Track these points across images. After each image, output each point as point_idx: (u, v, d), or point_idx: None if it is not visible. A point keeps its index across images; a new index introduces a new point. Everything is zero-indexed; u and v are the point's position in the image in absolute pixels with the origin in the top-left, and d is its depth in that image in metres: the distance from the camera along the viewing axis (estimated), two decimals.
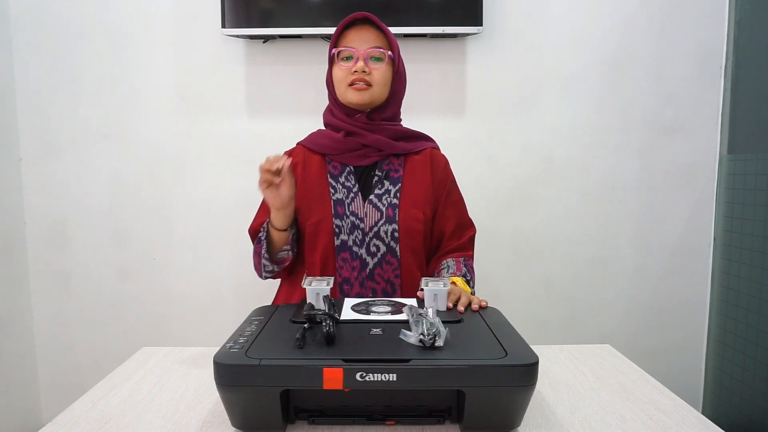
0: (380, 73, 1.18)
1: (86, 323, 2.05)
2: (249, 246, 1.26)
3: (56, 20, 1.94)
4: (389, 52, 1.19)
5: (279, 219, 1.13)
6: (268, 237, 1.17)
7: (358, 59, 1.16)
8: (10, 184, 1.97)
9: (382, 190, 1.20)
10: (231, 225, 2.01)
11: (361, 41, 1.17)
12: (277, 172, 1.05)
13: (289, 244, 1.18)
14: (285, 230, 1.16)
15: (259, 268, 1.22)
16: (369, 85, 1.17)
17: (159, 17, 1.94)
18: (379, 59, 1.18)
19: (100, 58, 1.96)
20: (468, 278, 1.19)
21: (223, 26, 1.83)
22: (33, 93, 1.97)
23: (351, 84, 1.16)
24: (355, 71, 1.15)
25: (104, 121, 1.99)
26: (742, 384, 1.87)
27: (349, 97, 1.18)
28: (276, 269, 1.21)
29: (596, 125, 2.00)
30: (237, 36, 1.88)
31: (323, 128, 1.29)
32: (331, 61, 1.21)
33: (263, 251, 1.17)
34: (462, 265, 1.21)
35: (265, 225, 1.18)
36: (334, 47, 1.20)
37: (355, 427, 0.79)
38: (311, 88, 1.94)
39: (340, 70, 1.18)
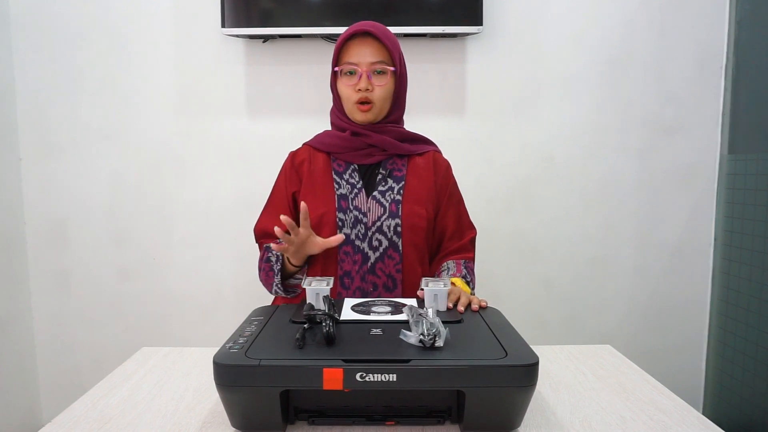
0: (382, 90, 1.20)
1: (86, 323, 2.05)
2: (249, 246, 1.26)
3: (56, 20, 1.94)
4: (392, 68, 1.20)
5: (296, 260, 1.15)
6: (282, 268, 1.18)
7: (361, 75, 1.18)
8: (10, 184, 1.97)
9: (386, 187, 1.22)
10: (231, 225, 2.01)
11: (363, 56, 1.18)
12: (293, 230, 1.05)
13: (303, 272, 1.20)
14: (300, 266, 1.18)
15: (267, 287, 1.22)
16: (371, 102, 1.19)
17: (159, 17, 1.94)
18: (381, 73, 1.19)
19: (100, 58, 1.96)
20: (468, 279, 1.20)
21: (223, 26, 1.83)
22: (33, 93, 1.97)
23: (356, 102, 1.19)
24: (359, 89, 1.18)
25: (104, 121, 1.99)
26: (742, 384, 1.87)
27: (356, 116, 1.21)
28: (289, 296, 1.22)
29: (596, 125, 1.99)
30: (237, 36, 1.88)
31: (328, 128, 1.31)
32: (335, 75, 1.22)
33: (277, 281, 1.17)
34: (462, 267, 1.22)
35: (279, 254, 1.18)
36: (337, 62, 1.21)
37: (355, 427, 0.79)
38: (311, 88, 1.94)
39: (346, 88, 1.20)
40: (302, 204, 1.06)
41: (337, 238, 1.10)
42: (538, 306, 2.05)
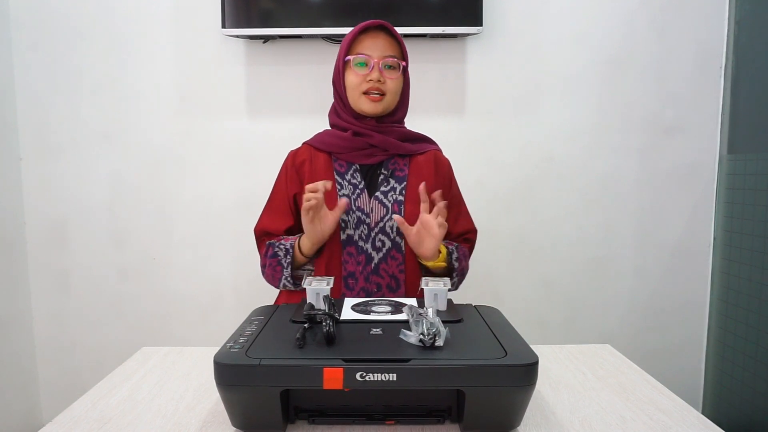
0: (393, 83, 1.20)
1: (86, 323, 2.05)
2: (249, 246, 1.26)
3: (56, 20, 1.94)
4: (403, 63, 1.21)
5: (310, 248, 1.15)
6: (292, 259, 1.17)
7: (372, 67, 1.17)
8: (10, 184, 1.97)
9: (388, 187, 1.21)
10: (231, 225, 2.01)
11: (376, 48, 1.18)
12: (316, 197, 1.07)
13: (312, 263, 1.20)
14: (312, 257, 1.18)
15: (274, 282, 1.22)
16: (383, 94, 1.19)
17: (159, 17, 1.94)
18: (392, 67, 1.19)
19: (100, 58, 1.96)
20: (453, 255, 1.20)
21: (223, 26, 1.83)
22: (33, 93, 1.97)
23: (365, 92, 1.18)
24: (370, 80, 1.17)
25: (104, 121, 1.99)
26: (742, 384, 1.87)
27: (363, 106, 1.20)
28: (298, 290, 1.22)
29: (596, 125, 1.99)
30: (237, 36, 1.88)
31: (328, 128, 1.30)
32: (344, 65, 1.21)
33: (287, 274, 1.17)
34: (452, 244, 1.22)
35: (288, 247, 1.18)
36: (347, 53, 1.20)
37: (355, 427, 0.79)
38: (311, 88, 1.94)
39: (355, 77, 1.19)
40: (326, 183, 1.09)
41: (342, 204, 1.11)
42: (538, 306, 2.05)
